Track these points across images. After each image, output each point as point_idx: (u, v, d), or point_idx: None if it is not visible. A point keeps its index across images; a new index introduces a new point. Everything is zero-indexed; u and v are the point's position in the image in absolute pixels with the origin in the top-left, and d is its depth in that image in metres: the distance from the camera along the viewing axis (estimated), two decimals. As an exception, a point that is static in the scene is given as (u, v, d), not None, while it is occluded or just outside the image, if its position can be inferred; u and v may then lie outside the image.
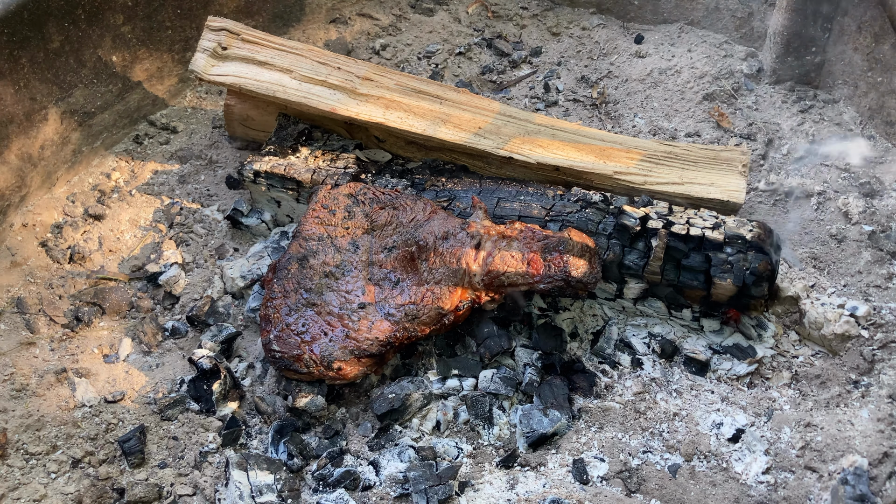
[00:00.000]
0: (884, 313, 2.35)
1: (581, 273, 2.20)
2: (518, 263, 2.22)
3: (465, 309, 2.23)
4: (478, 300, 2.24)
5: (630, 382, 2.30)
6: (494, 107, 2.72)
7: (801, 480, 2.08)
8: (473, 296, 2.23)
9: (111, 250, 2.64)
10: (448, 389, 2.25)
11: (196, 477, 2.13)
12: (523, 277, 2.21)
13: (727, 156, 2.59)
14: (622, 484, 2.09)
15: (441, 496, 2.02)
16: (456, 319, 2.23)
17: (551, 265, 2.21)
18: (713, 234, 2.29)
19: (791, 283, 2.46)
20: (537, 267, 2.21)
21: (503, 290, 2.25)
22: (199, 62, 2.75)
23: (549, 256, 2.22)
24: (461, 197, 2.47)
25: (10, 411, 2.22)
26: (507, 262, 2.22)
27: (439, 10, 3.57)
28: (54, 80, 2.70)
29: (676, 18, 3.38)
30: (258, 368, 2.36)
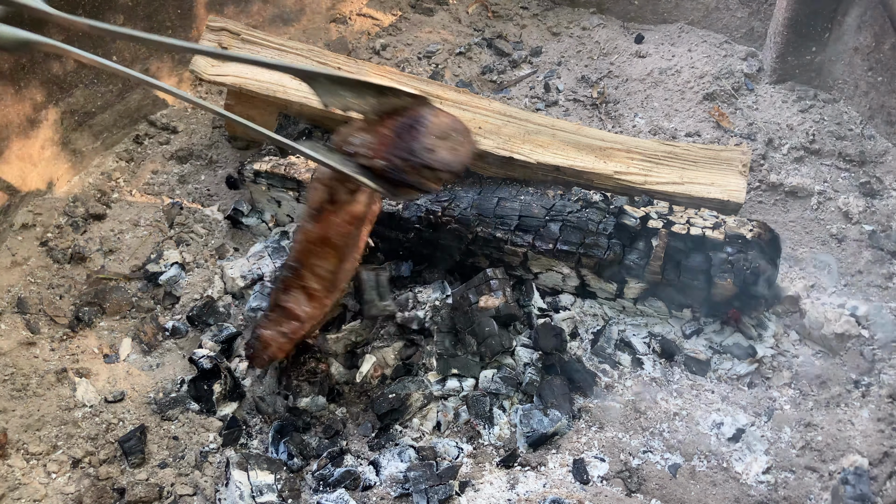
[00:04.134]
0: (884, 313, 2.35)
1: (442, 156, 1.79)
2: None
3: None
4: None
5: (630, 382, 2.30)
6: (494, 107, 2.72)
7: (802, 480, 2.08)
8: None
9: (111, 250, 2.64)
10: (448, 390, 2.25)
11: (196, 477, 2.13)
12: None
13: (727, 156, 2.59)
14: (622, 484, 2.09)
15: (441, 496, 2.02)
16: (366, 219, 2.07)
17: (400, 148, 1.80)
18: (713, 233, 2.29)
19: (791, 282, 2.46)
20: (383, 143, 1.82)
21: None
22: (200, 62, 2.75)
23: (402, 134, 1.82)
24: (461, 197, 2.47)
25: (11, 411, 2.21)
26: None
27: (439, 10, 3.57)
28: (54, 80, 2.70)
29: (676, 18, 3.38)
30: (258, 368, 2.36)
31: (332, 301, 2.16)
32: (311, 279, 2.09)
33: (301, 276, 2.09)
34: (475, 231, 2.42)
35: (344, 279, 2.14)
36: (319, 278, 2.09)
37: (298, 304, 2.10)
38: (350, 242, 2.07)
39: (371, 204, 2.07)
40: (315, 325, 2.17)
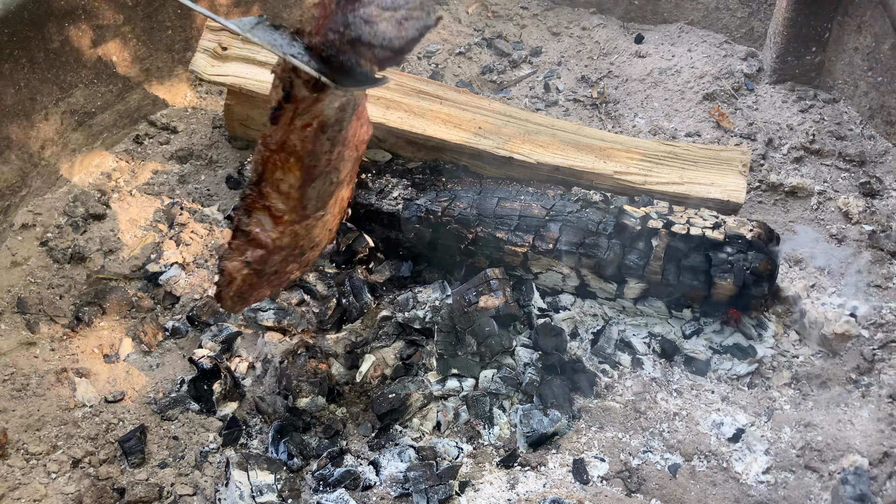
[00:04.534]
0: (884, 313, 2.35)
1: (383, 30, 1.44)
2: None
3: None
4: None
5: (630, 382, 2.30)
6: (494, 106, 2.72)
7: (802, 480, 2.08)
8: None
9: (111, 250, 2.64)
10: (448, 390, 2.25)
11: (196, 477, 2.13)
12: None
13: (727, 156, 2.59)
14: (622, 484, 2.09)
15: (441, 496, 2.02)
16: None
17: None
18: (713, 233, 2.29)
19: (791, 282, 2.46)
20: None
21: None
22: (200, 62, 2.75)
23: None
24: (461, 197, 2.47)
25: (11, 411, 2.21)
26: None
27: (439, 10, 3.57)
28: (54, 80, 2.70)
29: (676, 18, 3.38)
30: (258, 368, 2.36)
31: (306, 227, 1.84)
32: (273, 197, 1.76)
33: (263, 193, 1.76)
34: (475, 231, 2.42)
35: (318, 201, 1.81)
36: (283, 196, 1.75)
37: (262, 227, 1.79)
38: (317, 152, 1.71)
39: (344, 110, 1.69)
40: (291, 257, 1.87)
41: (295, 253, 1.91)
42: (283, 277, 1.97)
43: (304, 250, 1.94)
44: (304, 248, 1.93)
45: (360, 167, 2.60)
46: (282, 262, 1.89)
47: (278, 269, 1.89)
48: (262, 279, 1.87)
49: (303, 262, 1.98)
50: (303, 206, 1.78)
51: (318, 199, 1.81)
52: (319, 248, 2.05)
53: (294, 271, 1.99)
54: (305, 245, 1.92)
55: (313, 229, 1.89)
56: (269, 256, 1.82)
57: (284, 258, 1.88)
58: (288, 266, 1.94)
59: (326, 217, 1.92)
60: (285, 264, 1.90)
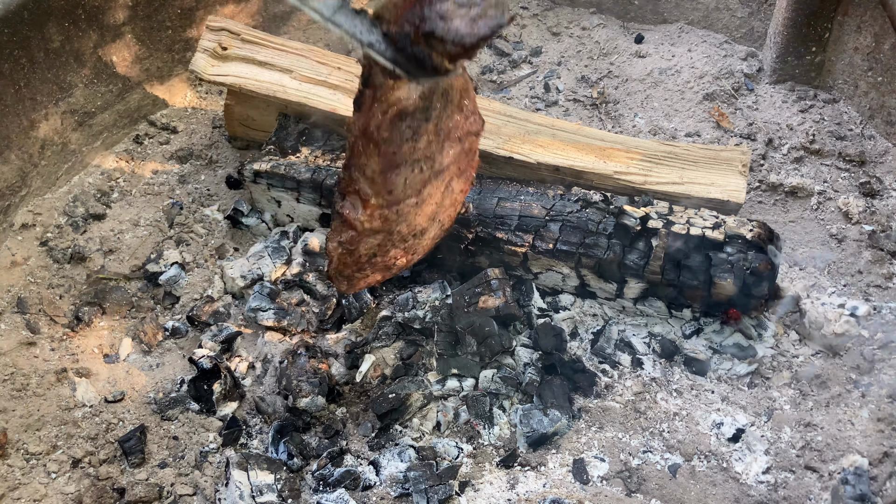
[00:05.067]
0: (884, 313, 2.35)
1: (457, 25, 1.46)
2: None
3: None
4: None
5: (630, 382, 2.30)
6: (494, 106, 2.72)
7: (801, 480, 2.08)
8: None
9: (111, 250, 2.64)
10: (448, 389, 2.25)
11: (196, 477, 2.13)
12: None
13: (727, 156, 2.59)
14: (622, 484, 2.09)
15: (441, 496, 2.02)
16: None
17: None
18: (713, 233, 2.29)
19: (791, 282, 2.46)
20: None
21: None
22: (200, 62, 2.75)
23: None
24: (461, 197, 2.47)
25: (11, 411, 2.22)
26: None
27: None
28: (54, 80, 2.70)
29: (676, 18, 3.38)
30: (258, 368, 2.36)
31: (398, 213, 1.85)
32: (361, 181, 1.80)
33: (352, 177, 1.81)
34: (475, 231, 2.42)
35: (407, 188, 1.80)
36: (368, 180, 1.78)
37: (352, 210, 1.84)
38: (396, 140, 1.70)
39: (427, 100, 1.68)
40: (390, 243, 1.89)
41: (393, 239, 1.93)
42: (388, 263, 2.00)
43: (405, 237, 1.96)
44: (405, 235, 1.95)
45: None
46: (380, 246, 1.91)
47: (378, 253, 1.92)
48: (360, 262, 1.91)
49: (408, 250, 2.00)
50: (388, 192, 1.80)
51: (406, 187, 1.82)
52: (428, 237, 2.06)
53: (399, 258, 2.01)
54: (404, 231, 1.93)
55: (409, 216, 1.89)
56: (360, 238, 1.86)
57: (382, 243, 1.91)
58: (389, 252, 1.97)
59: (427, 206, 1.92)
60: (385, 250, 1.93)
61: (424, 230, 2.02)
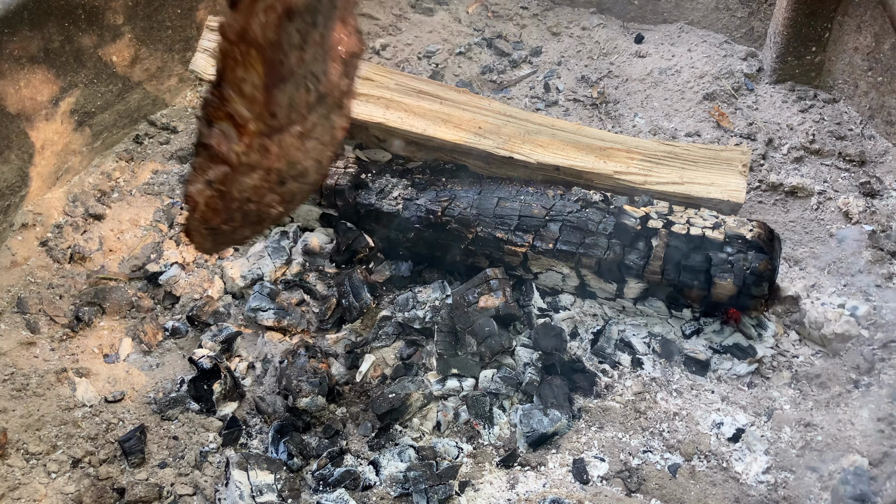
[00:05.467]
0: (884, 313, 2.35)
1: None
2: None
3: None
4: None
5: (630, 382, 2.30)
6: (494, 106, 2.72)
7: (801, 480, 2.08)
8: None
9: (111, 250, 2.64)
10: (448, 389, 2.25)
11: (196, 477, 2.13)
12: None
13: (727, 155, 2.59)
14: (622, 483, 2.09)
15: (441, 496, 2.02)
16: None
17: None
18: (713, 233, 2.29)
19: (791, 282, 2.46)
20: None
21: None
22: (200, 62, 2.75)
23: None
24: (461, 197, 2.47)
25: (10, 411, 2.22)
26: None
27: (439, 10, 3.57)
28: (54, 79, 2.70)
29: (676, 18, 3.38)
30: (258, 368, 2.36)
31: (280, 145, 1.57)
32: (236, 101, 1.48)
33: (224, 97, 1.48)
34: (475, 231, 2.42)
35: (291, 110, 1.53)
36: (247, 99, 1.48)
37: (225, 139, 1.51)
38: (284, 46, 1.44)
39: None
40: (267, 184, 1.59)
41: (271, 179, 1.63)
42: (262, 212, 1.70)
43: (284, 177, 1.66)
44: (284, 175, 1.66)
45: (359, 166, 2.59)
46: (256, 189, 1.61)
47: (252, 197, 1.61)
48: (230, 209, 1.60)
49: (285, 195, 1.71)
50: (271, 113, 1.51)
51: (290, 108, 1.54)
52: (306, 179, 1.77)
53: (274, 205, 1.71)
54: (284, 170, 1.64)
55: (291, 150, 1.63)
56: (235, 176, 1.55)
57: (258, 185, 1.61)
58: (265, 197, 1.66)
59: (310, 141, 1.66)
60: (261, 193, 1.64)
61: (305, 171, 1.73)
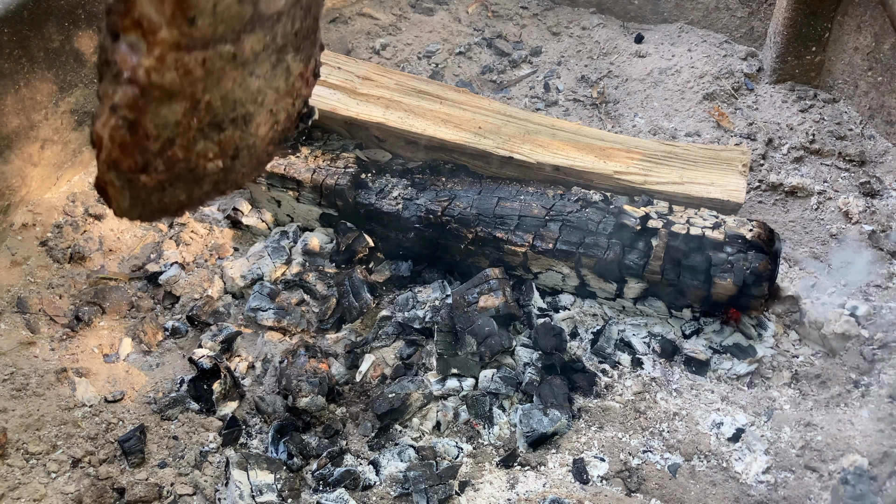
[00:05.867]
0: (884, 313, 2.35)
1: None
2: None
3: None
4: None
5: (630, 382, 2.30)
6: (494, 106, 2.72)
7: (801, 480, 2.08)
8: None
9: (111, 250, 2.64)
10: (448, 389, 2.25)
11: (196, 476, 2.13)
12: None
13: (727, 155, 2.59)
14: (622, 483, 2.09)
15: (441, 496, 2.02)
16: None
17: None
18: (713, 233, 2.29)
19: (791, 282, 2.46)
20: None
21: None
22: (199, 62, 2.75)
23: None
24: (461, 197, 2.47)
25: (10, 411, 2.21)
26: None
27: (439, 10, 3.57)
28: (54, 80, 2.70)
29: (676, 18, 3.38)
30: (258, 368, 2.36)
31: (205, 66, 1.26)
32: (142, 1, 1.17)
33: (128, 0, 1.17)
34: (475, 231, 2.42)
35: (216, 19, 1.23)
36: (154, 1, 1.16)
37: (133, 51, 1.20)
38: None
39: None
40: (196, 122, 1.31)
41: (200, 117, 1.33)
42: (195, 166, 1.39)
43: (219, 118, 1.36)
44: (218, 115, 1.35)
45: (359, 166, 2.59)
46: (180, 128, 1.31)
47: (178, 140, 1.31)
48: (147, 150, 1.29)
49: (224, 146, 1.40)
50: (186, 17, 1.20)
51: (215, 17, 1.23)
52: (255, 131, 1.48)
53: (213, 158, 1.40)
54: (218, 108, 1.34)
55: (223, 80, 1.32)
56: (148, 104, 1.24)
57: (183, 122, 1.30)
58: (197, 143, 1.35)
59: (252, 78, 1.37)
60: (189, 136, 1.33)
61: (249, 116, 1.43)
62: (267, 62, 1.40)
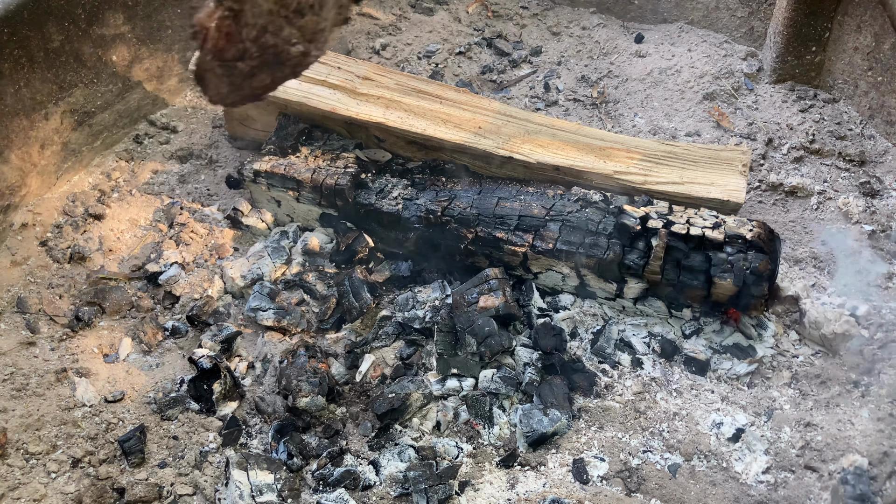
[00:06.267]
0: (884, 313, 2.35)
1: None
2: None
3: None
4: None
5: (630, 382, 2.30)
6: (494, 106, 2.72)
7: (801, 480, 2.08)
8: None
9: (111, 250, 2.64)
10: (448, 389, 2.25)
11: (196, 476, 2.13)
12: None
13: (727, 155, 2.59)
14: (622, 483, 2.09)
15: (441, 496, 2.02)
16: None
17: None
18: (713, 233, 2.29)
19: (791, 282, 2.46)
20: None
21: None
22: (199, 62, 2.75)
23: None
24: (461, 197, 2.47)
25: (11, 411, 2.22)
26: None
27: (439, 10, 3.57)
28: (54, 79, 2.70)
29: (676, 18, 3.38)
30: (258, 368, 2.36)
31: None
32: None
33: None
34: (475, 231, 2.42)
35: None
36: None
37: None
38: None
39: None
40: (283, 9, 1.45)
41: (287, 4, 1.47)
42: (281, 51, 1.53)
43: (302, 7, 1.51)
44: (301, 4, 1.51)
45: (359, 166, 2.59)
46: (271, 16, 1.44)
47: (269, 27, 1.44)
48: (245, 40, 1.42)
49: (305, 30, 1.53)
50: None
51: None
52: (325, 17, 1.60)
53: (295, 42, 1.55)
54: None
55: None
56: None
57: (273, 9, 1.44)
58: (283, 29, 1.50)
59: None
60: (278, 24, 1.47)
61: (321, 3, 1.56)
62: None
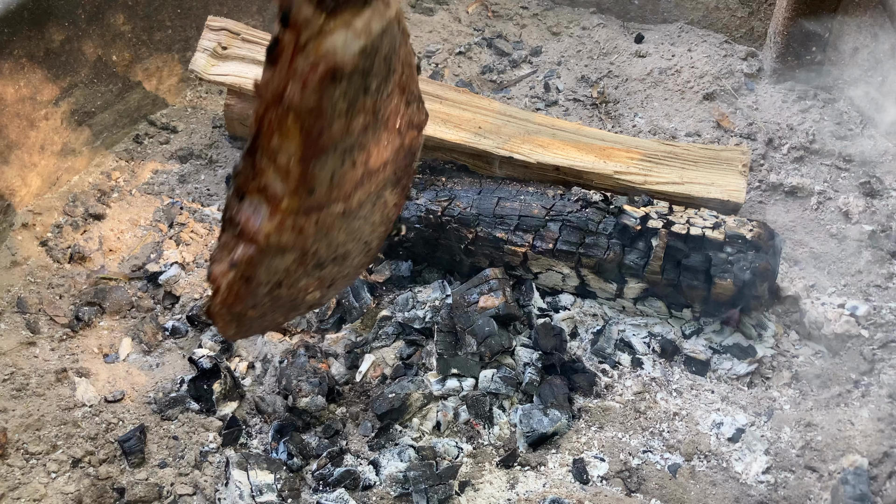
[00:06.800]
0: (884, 313, 2.35)
1: None
2: None
3: None
4: None
5: (630, 382, 2.30)
6: (494, 106, 2.72)
7: (801, 480, 2.08)
8: None
9: (111, 250, 2.64)
10: (448, 389, 2.25)
11: (196, 476, 2.13)
12: None
13: (727, 155, 2.59)
14: (622, 483, 2.09)
15: (441, 496, 2.02)
16: None
17: None
18: (713, 233, 2.29)
19: (791, 282, 2.46)
20: None
21: None
22: (200, 62, 2.75)
23: None
24: (461, 197, 2.47)
25: (10, 411, 2.22)
26: None
27: (439, 10, 3.57)
28: (54, 79, 2.70)
29: (676, 18, 3.38)
30: (258, 368, 2.36)
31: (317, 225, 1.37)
32: (270, 173, 1.29)
33: (257, 168, 1.30)
34: (475, 231, 2.42)
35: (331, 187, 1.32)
36: (281, 172, 1.28)
37: (256, 215, 1.33)
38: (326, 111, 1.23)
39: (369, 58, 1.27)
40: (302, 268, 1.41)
41: (307, 262, 1.46)
42: (295, 298, 1.54)
43: (322, 262, 1.49)
44: (323, 259, 1.48)
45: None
46: (288, 273, 1.45)
47: (284, 282, 1.45)
48: (257, 294, 1.43)
49: (324, 281, 1.54)
50: (307, 189, 1.31)
51: (332, 186, 1.34)
52: (350, 264, 1.61)
53: (311, 290, 1.56)
54: (322, 253, 1.46)
55: (332, 231, 1.44)
56: (263, 259, 1.36)
57: (291, 268, 1.44)
58: (300, 282, 1.49)
59: (355, 221, 1.49)
60: (294, 278, 1.47)
61: (347, 254, 1.57)
62: (369, 204, 1.52)
